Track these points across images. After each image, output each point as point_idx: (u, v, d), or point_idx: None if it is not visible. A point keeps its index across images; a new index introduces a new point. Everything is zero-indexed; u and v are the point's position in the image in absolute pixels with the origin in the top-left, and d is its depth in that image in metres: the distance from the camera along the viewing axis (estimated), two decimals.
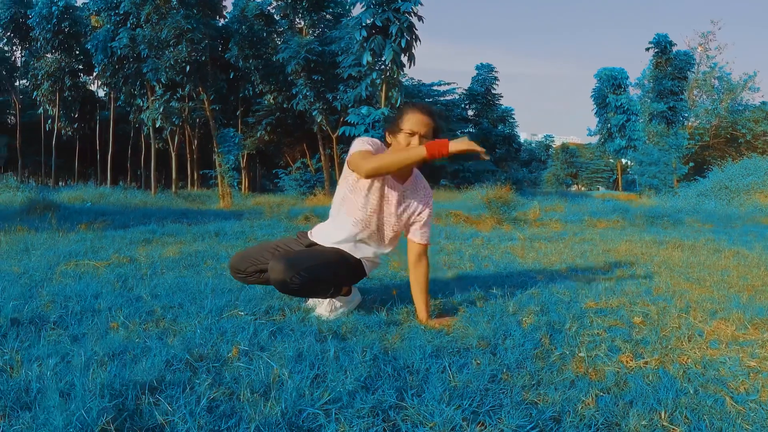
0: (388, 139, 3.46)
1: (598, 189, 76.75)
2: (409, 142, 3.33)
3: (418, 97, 37.18)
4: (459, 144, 3.02)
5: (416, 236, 3.56)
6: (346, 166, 3.50)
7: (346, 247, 3.57)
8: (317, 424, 1.97)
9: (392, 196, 3.50)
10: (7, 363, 2.48)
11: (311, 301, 3.78)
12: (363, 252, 3.60)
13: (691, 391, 2.33)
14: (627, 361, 2.70)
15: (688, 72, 43.32)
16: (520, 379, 2.40)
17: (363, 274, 3.71)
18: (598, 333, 3.14)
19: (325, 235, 3.67)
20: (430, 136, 3.37)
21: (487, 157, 3.10)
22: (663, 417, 2.09)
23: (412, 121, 3.36)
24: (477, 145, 3.01)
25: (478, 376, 2.38)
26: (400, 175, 3.51)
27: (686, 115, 43.38)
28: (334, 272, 3.42)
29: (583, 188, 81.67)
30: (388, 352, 2.72)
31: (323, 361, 2.54)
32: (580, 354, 2.77)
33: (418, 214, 3.53)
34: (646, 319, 3.47)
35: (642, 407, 2.15)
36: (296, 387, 2.19)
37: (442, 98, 39.76)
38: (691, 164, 37.76)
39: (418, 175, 3.60)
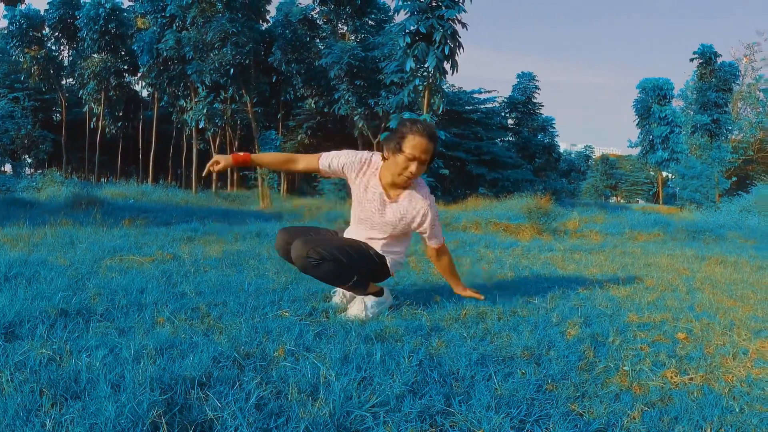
0: (386, 154, 3.49)
1: (637, 201, 75.72)
2: (407, 166, 3.40)
3: (459, 104, 37.01)
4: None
5: (429, 242, 3.75)
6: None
7: (368, 242, 3.70)
8: (365, 426, 1.99)
9: (385, 209, 3.60)
10: (56, 352, 2.54)
11: (338, 298, 3.89)
12: (379, 248, 3.70)
13: (737, 410, 2.31)
14: (671, 377, 2.68)
15: (733, 84, 42.59)
16: (565, 391, 2.40)
17: (387, 272, 3.78)
18: (641, 347, 3.13)
19: (349, 232, 3.86)
20: (428, 163, 3.48)
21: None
22: None
23: (415, 145, 3.37)
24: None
25: (524, 386, 2.39)
26: (390, 194, 3.58)
27: (730, 128, 42.64)
28: (351, 257, 3.47)
29: (622, 200, 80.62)
30: (433, 357, 2.73)
31: (369, 364, 2.55)
32: (624, 368, 2.76)
33: (419, 226, 3.62)
34: (689, 335, 3.44)
35: (687, 423, 2.14)
36: (343, 389, 2.21)
37: (482, 106, 39.43)
38: (734, 178, 37.00)
39: (415, 189, 3.60)
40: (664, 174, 46.96)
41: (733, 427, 2.15)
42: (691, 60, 42.18)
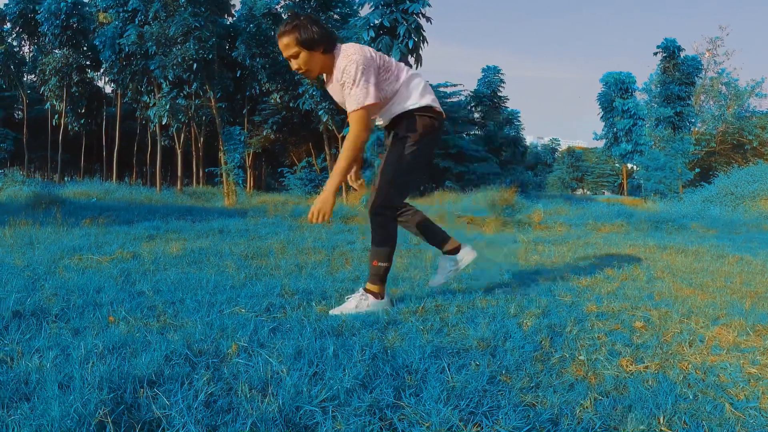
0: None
1: (603, 193, 76.49)
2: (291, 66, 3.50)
3: None
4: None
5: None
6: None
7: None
8: (314, 421, 1.96)
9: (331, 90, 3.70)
10: (8, 354, 2.50)
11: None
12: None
13: (691, 397, 2.32)
14: (627, 366, 2.68)
15: (696, 77, 43.10)
16: (518, 381, 2.39)
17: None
18: (598, 337, 3.13)
19: None
20: (297, 52, 3.40)
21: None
22: (661, 422, 2.07)
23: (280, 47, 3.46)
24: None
25: (476, 377, 2.38)
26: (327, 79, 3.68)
27: (693, 120, 43.17)
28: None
29: (588, 192, 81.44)
30: (388, 351, 2.71)
31: (322, 358, 2.53)
32: (580, 357, 2.76)
33: (344, 86, 3.45)
34: (647, 323, 3.46)
35: (640, 412, 2.14)
36: (294, 384, 2.19)
37: (447, 99, 39.53)
38: (697, 170, 37.33)
39: (336, 59, 3.49)
40: (629, 166, 47.50)
41: (686, 414, 2.15)
42: (655, 54, 42.61)
